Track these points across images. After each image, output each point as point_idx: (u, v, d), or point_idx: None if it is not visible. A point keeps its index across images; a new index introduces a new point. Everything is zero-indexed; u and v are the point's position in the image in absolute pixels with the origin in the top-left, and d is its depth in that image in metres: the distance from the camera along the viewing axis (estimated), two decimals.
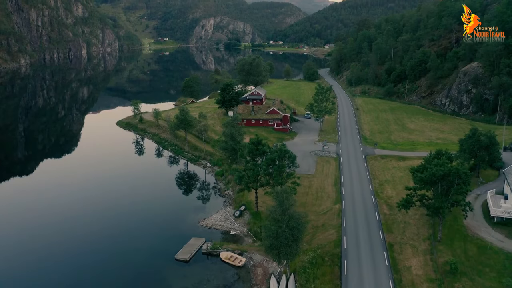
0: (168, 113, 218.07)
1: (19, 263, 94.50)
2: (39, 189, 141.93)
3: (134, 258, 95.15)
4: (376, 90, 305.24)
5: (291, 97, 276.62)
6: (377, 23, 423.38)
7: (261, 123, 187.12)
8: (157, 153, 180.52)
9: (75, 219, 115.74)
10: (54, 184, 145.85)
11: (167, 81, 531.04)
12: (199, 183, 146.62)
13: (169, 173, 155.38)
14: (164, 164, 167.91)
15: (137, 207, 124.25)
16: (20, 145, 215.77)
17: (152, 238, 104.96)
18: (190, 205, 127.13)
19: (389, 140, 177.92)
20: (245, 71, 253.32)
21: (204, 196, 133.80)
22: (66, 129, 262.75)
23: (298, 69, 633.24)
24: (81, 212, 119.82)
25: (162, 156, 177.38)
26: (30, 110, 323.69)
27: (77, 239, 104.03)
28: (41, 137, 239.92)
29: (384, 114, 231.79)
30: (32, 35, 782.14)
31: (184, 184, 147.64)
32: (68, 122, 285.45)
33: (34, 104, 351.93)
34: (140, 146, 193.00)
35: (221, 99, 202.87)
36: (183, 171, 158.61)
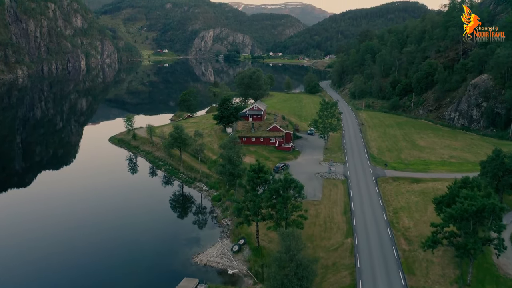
0: (162, 129, 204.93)
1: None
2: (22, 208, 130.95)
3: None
4: (381, 103, 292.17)
5: (293, 111, 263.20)
6: (379, 34, 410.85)
7: (261, 141, 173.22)
8: (150, 174, 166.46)
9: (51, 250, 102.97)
10: (34, 211, 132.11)
11: (166, 92, 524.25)
12: (194, 209, 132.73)
13: (161, 197, 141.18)
14: (156, 186, 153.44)
15: (124, 238, 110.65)
16: (17, 157, 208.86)
17: (138, 277, 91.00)
18: (183, 236, 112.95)
19: (399, 159, 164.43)
20: (245, 84, 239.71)
21: (199, 225, 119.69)
22: (64, 141, 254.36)
23: (298, 81, 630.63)
24: (58, 243, 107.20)
25: (155, 177, 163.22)
26: (27, 121, 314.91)
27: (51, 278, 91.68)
28: (39, 149, 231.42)
29: (391, 130, 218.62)
30: (30, 46, 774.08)
31: (177, 211, 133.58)
32: (66, 133, 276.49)
33: (32, 115, 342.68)
34: (132, 165, 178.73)
35: (219, 115, 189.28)
36: (176, 194, 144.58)
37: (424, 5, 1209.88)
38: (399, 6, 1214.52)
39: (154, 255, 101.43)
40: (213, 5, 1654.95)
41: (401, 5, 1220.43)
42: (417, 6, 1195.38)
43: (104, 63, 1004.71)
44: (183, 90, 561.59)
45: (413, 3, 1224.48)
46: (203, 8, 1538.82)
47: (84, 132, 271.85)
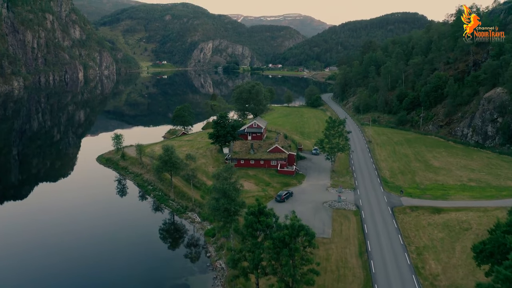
0: (153, 148, 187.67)
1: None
2: None
3: None
4: (387, 118, 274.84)
5: (294, 127, 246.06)
6: (383, 45, 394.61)
7: (262, 163, 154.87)
8: (137, 200, 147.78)
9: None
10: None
11: (165, 104, 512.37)
12: (183, 245, 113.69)
13: (147, 229, 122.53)
14: (143, 216, 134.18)
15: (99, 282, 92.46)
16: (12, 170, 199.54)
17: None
18: (169, 283, 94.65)
19: (415, 184, 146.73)
20: (243, 99, 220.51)
21: (189, 268, 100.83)
22: (62, 153, 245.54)
23: (298, 92, 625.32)
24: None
25: (143, 204, 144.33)
26: (24, 133, 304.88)
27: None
28: (36, 161, 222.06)
29: (401, 148, 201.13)
30: (28, 57, 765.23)
31: (165, 247, 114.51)
32: (58, 148, 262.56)
33: (28, 127, 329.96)
34: (118, 189, 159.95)
35: (214, 134, 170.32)
36: (165, 227, 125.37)
37: (424, 16, 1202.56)
38: (399, 17, 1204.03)
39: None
40: (212, 16, 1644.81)
41: (401, 16, 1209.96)
42: (417, 17, 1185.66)
43: (102, 74, 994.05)
44: (182, 102, 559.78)
45: (413, 14, 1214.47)
46: (202, 19, 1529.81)
47: (73, 149, 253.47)
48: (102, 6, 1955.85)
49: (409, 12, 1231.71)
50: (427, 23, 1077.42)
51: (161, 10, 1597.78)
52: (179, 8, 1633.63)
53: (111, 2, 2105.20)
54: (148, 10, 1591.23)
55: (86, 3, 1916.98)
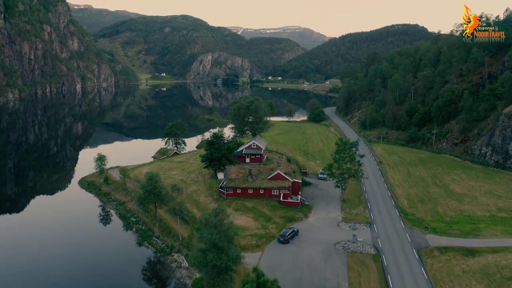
0: (141, 171, 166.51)
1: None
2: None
3: None
4: (396, 135, 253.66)
5: (297, 146, 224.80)
6: (388, 57, 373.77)
7: (261, 193, 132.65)
8: (118, 234, 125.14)
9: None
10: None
11: (164, 116, 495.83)
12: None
13: (124, 275, 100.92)
14: (121, 255, 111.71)
15: None
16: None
17: None
18: None
19: (438, 215, 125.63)
20: (241, 116, 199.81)
21: None
22: (60, 166, 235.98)
23: (298, 105, 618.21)
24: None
25: (123, 239, 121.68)
26: (20, 146, 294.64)
27: None
28: (32, 174, 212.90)
29: (415, 170, 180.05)
30: (24, 69, 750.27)
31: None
32: (61, 158, 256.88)
33: (24, 140, 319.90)
34: (98, 221, 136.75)
35: (207, 157, 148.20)
36: (145, 271, 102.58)
37: (424, 27, 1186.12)
38: (399, 29, 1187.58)
39: None
40: (212, 29, 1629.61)
41: (401, 28, 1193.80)
42: (417, 29, 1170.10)
43: (100, 86, 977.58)
44: (181, 114, 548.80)
45: (413, 25, 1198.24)
46: (201, 32, 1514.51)
47: (58, 168, 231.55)
48: (102, 18, 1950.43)
49: (410, 24, 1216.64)
50: (427, 34, 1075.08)
51: (160, 22, 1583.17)
52: (178, 20, 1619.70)
53: (111, 14, 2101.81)
54: (147, 22, 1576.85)
55: (86, 15, 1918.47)
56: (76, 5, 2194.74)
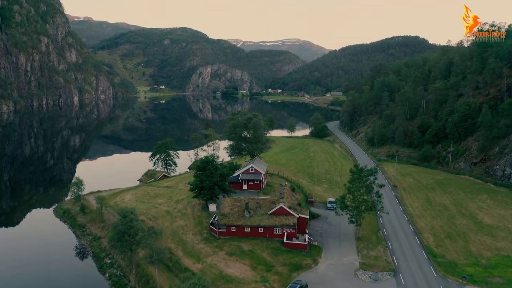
0: (124, 198, 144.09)
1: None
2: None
3: None
4: (408, 152, 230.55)
5: (301, 167, 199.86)
6: (394, 69, 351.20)
7: (261, 232, 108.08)
8: (88, 280, 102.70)
9: None
10: None
11: (163, 129, 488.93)
12: None
13: None
14: None
15: None
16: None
17: None
18: None
19: (471, 256, 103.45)
20: (237, 135, 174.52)
21: None
22: (56, 179, 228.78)
23: (298, 118, 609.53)
24: None
25: (94, 286, 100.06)
26: (15, 159, 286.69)
27: None
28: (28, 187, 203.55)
29: (435, 195, 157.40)
30: (20, 81, 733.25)
31: None
32: (58, 171, 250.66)
33: (20, 153, 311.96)
34: (68, 260, 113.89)
35: (197, 185, 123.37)
36: None
37: (425, 39, 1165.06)
38: (399, 41, 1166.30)
39: None
40: (211, 41, 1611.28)
41: (401, 40, 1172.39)
42: (418, 40, 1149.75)
43: (98, 99, 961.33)
44: (180, 126, 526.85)
45: (414, 37, 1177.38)
46: (201, 44, 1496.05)
47: (26, 202, 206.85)
48: (102, 30, 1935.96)
49: (410, 36, 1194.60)
50: (428, 46, 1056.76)
51: (160, 35, 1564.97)
52: (178, 32, 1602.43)
53: (111, 26, 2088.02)
54: (147, 34, 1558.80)
55: (86, 27, 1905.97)
56: (76, 17, 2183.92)
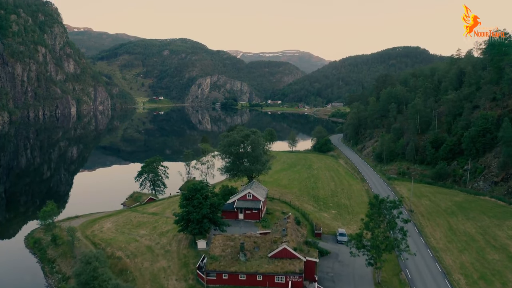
0: (103, 226, 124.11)
1: None
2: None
3: None
4: (420, 170, 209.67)
5: (305, 188, 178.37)
6: (401, 79, 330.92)
7: (259, 280, 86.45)
8: None
9: None
10: None
11: (162, 141, 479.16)
12: None
13: None
14: None
15: None
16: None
17: None
18: None
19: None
20: (233, 155, 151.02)
21: None
22: (53, 191, 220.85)
23: (298, 129, 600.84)
24: None
25: None
26: (11, 170, 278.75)
27: None
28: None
29: (457, 221, 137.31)
30: (16, 91, 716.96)
31: None
32: (55, 183, 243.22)
33: (16, 164, 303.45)
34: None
35: (183, 217, 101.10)
36: None
37: (426, 50, 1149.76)
38: (400, 52, 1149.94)
39: None
40: (211, 52, 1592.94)
41: (402, 50, 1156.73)
42: (419, 51, 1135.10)
43: (96, 110, 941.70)
44: (180, 138, 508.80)
45: (415, 48, 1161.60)
46: (200, 55, 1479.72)
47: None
48: (101, 41, 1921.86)
49: (411, 46, 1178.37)
50: (429, 57, 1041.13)
51: (159, 45, 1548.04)
52: (177, 43, 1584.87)
53: (111, 37, 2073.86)
54: (146, 45, 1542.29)
55: (85, 38, 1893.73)
56: (76, 27, 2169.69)
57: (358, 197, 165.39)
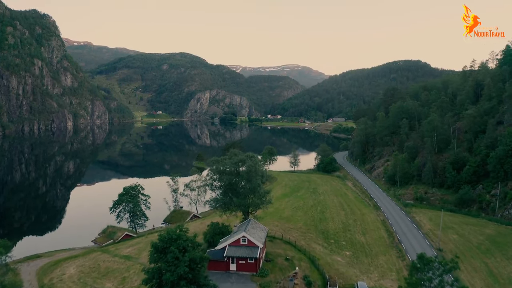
0: (64, 271, 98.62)
1: None
2: None
3: None
4: (440, 195, 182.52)
5: (311, 221, 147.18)
6: (411, 93, 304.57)
7: None
8: None
9: None
10: None
11: (161, 155, 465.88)
12: None
13: None
14: None
15: None
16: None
17: None
18: None
19: None
20: (225, 186, 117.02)
21: None
22: (49, 206, 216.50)
23: (298, 144, 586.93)
24: None
25: None
26: (5, 185, 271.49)
27: None
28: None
29: (496, 263, 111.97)
30: (11, 104, 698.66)
31: None
32: (51, 198, 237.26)
33: (10, 179, 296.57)
34: None
35: (154, 275, 70.93)
36: None
37: (427, 63, 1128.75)
38: (401, 66, 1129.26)
39: None
40: (210, 66, 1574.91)
41: (403, 64, 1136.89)
42: (420, 64, 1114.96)
43: (94, 124, 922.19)
44: (179, 152, 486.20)
45: (416, 61, 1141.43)
46: (200, 69, 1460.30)
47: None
48: (101, 55, 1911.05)
49: (412, 60, 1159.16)
50: (431, 70, 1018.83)
51: (158, 59, 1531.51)
52: (177, 57, 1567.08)
53: (111, 51, 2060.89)
54: (145, 59, 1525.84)
55: (85, 52, 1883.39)
56: (76, 41, 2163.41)
57: (374, 231, 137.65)
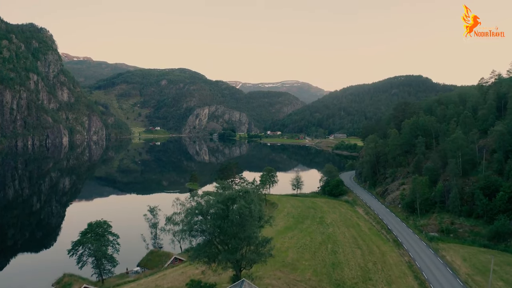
0: None
1: None
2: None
3: None
4: (470, 226, 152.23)
5: (321, 267, 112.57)
6: (424, 107, 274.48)
7: None
8: None
9: None
10: None
11: (159, 171, 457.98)
12: None
13: None
14: None
15: None
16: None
17: None
18: None
19: None
20: (210, 234, 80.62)
21: None
22: (44, 223, 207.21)
23: (297, 161, 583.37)
24: None
25: None
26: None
27: None
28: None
29: None
30: (5, 119, 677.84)
31: None
32: (46, 215, 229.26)
33: (3, 196, 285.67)
34: None
35: None
36: None
37: (428, 78, 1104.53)
38: (402, 81, 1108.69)
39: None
40: (209, 82, 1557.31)
41: (404, 80, 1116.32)
42: (421, 79, 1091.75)
43: (90, 139, 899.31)
44: (177, 169, 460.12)
45: (417, 77, 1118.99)
46: (199, 85, 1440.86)
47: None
48: (100, 70, 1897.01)
49: (413, 75, 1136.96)
50: (433, 85, 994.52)
51: (157, 75, 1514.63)
52: (176, 73, 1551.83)
53: (110, 67, 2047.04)
54: (144, 74, 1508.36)
55: (85, 67, 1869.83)
56: (76, 57, 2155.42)
57: (401, 279, 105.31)
